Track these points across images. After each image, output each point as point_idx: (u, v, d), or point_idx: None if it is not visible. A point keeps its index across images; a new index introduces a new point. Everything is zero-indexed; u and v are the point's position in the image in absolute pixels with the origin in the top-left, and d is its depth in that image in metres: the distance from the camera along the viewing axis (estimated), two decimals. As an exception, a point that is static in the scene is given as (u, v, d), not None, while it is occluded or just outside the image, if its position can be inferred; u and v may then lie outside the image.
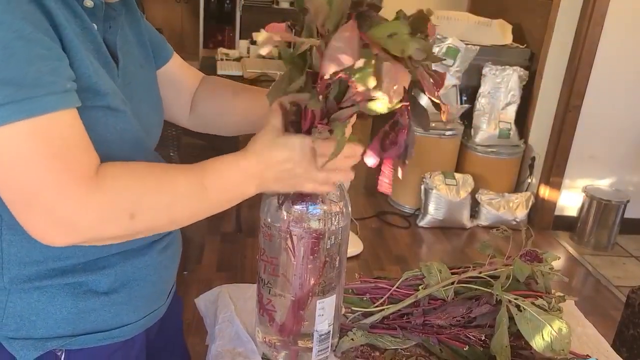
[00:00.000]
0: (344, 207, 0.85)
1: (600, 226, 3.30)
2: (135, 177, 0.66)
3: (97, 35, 0.72)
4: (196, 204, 0.70)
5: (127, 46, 0.82)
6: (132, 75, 0.81)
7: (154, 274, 0.85)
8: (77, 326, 0.77)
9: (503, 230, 1.10)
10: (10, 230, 0.72)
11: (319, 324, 0.88)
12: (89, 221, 0.62)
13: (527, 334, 0.90)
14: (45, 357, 0.76)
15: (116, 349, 0.81)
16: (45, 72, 0.60)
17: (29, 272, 0.74)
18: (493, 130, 3.43)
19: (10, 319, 0.75)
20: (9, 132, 0.58)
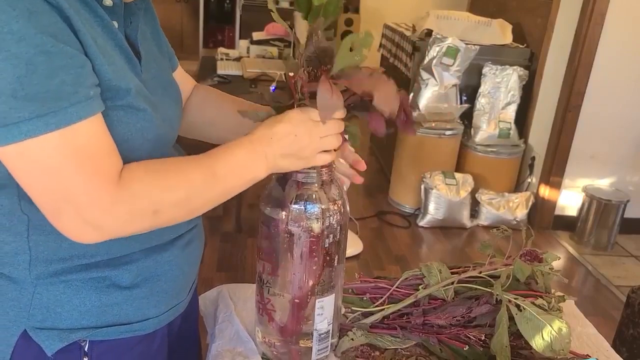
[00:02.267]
0: (342, 205, 0.85)
1: (600, 226, 3.30)
2: (156, 177, 0.70)
3: (117, 32, 0.74)
4: (211, 192, 0.74)
5: (147, 42, 0.85)
6: (154, 70, 0.84)
7: (175, 270, 0.87)
8: (100, 318, 0.80)
9: (503, 230, 1.09)
10: (36, 230, 0.75)
11: (318, 324, 0.88)
12: (117, 221, 0.67)
13: (527, 334, 0.90)
14: (70, 347, 0.78)
15: (138, 341, 0.84)
16: (68, 82, 0.62)
17: (55, 268, 0.77)
18: (493, 130, 3.43)
19: (36, 310, 0.77)
20: (37, 144, 0.62)
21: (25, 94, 0.60)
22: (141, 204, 0.68)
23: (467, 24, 3.59)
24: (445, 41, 3.27)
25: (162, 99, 0.83)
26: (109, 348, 0.81)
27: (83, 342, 0.80)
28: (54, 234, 0.72)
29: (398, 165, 3.56)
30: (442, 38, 3.29)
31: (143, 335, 0.84)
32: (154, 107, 0.78)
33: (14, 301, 0.77)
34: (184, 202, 0.72)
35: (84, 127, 0.64)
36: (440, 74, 3.33)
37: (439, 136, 3.37)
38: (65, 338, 0.78)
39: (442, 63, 3.31)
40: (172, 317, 0.90)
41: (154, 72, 0.83)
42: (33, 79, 0.60)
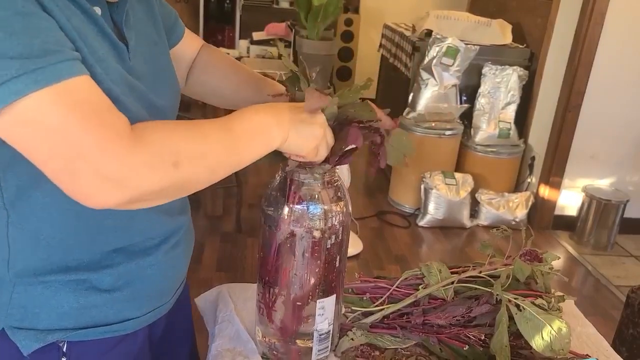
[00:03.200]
0: (344, 206, 0.85)
1: (600, 226, 3.30)
2: (169, 128, 0.66)
3: (99, 19, 0.71)
4: (231, 151, 0.70)
5: (139, 24, 0.81)
6: (145, 55, 0.80)
7: (159, 274, 0.85)
8: (78, 320, 0.78)
9: (503, 230, 1.09)
10: (15, 227, 0.73)
11: (319, 324, 0.88)
12: (137, 173, 0.62)
13: (527, 334, 0.90)
14: (47, 348, 0.77)
15: (118, 342, 0.82)
16: (50, 42, 0.59)
17: (34, 267, 0.75)
18: (493, 130, 3.43)
19: (14, 309, 0.76)
20: (32, 104, 0.58)
21: (9, 54, 0.56)
22: (159, 152, 0.63)
23: (467, 24, 3.59)
24: (445, 41, 3.27)
25: (152, 85, 0.80)
26: (88, 348, 0.80)
27: (61, 342, 0.78)
28: (33, 232, 0.72)
29: (398, 165, 3.56)
30: (442, 38, 3.29)
31: (123, 336, 0.83)
32: (138, 95, 0.75)
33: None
34: (202, 156, 0.67)
35: (79, 83, 0.60)
36: (440, 74, 3.33)
37: (439, 136, 3.37)
38: (42, 339, 0.76)
39: (442, 63, 3.31)
40: (155, 318, 0.88)
41: (145, 58, 0.80)
42: (13, 39, 0.57)
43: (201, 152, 0.67)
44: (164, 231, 0.85)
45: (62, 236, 0.75)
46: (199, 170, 0.67)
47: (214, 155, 0.69)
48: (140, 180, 0.62)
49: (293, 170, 0.82)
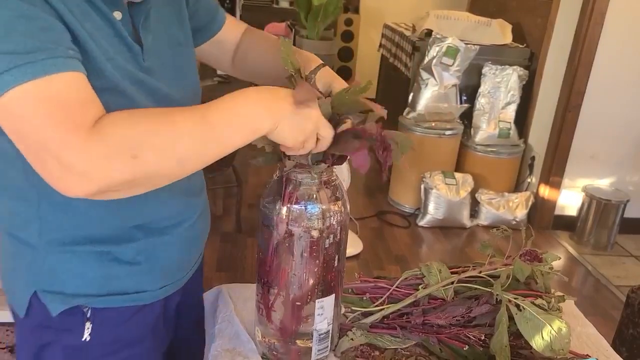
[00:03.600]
0: (342, 206, 0.85)
1: (600, 226, 3.30)
2: (133, 120, 0.68)
3: (116, 23, 0.77)
4: (203, 142, 0.70)
5: (162, 26, 0.87)
6: (164, 53, 0.86)
7: (175, 251, 0.92)
8: (101, 288, 0.85)
9: (503, 230, 1.09)
10: (46, 201, 0.80)
11: (318, 324, 0.88)
12: (96, 166, 0.64)
13: (527, 334, 0.90)
14: (72, 311, 0.85)
15: (136, 311, 0.89)
16: (46, 41, 0.65)
17: (63, 237, 0.82)
18: (493, 130, 3.43)
19: (45, 275, 0.84)
20: (16, 95, 0.63)
21: (5, 49, 0.62)
22: (117, 144, 0.65)
23: (467, 24, 3.59)
24: (445, 41, 3.27)
25: (170, 82, 0.85)
26: (109, 315, 0.87)
27: (85, 308, 0.85)
28: (62, 205, 0.79)
29: (398, 165, 3.56)
30: (442, 38, 3.29)
31: (141, 306, 0.89)
32: (151, 91, 0.80)
33: (28, 264, 0.84)
34: (168, 147, 0.67)
35: (60, 79, 0.64)
36: (440, 74, 3.33)
37: (439, 136, 3.37)
38: (68, 302, 0.84)
39: (442, 63, 3.31)
40: (170, 292, 0.94)
41: (163, 56, 0.85)
42: (11, 36, 0.63)
43: (167, 141, 0.67)
44: (181, 211, 0.91)
45: (86, 211, 0.81)
46: (163, 162, 0.68)
47: (182, 145, 0.68)
48: (100, 173, 0.65)
49: (290, 170, 0.82)
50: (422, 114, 3.38)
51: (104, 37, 0.74)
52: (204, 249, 1.06)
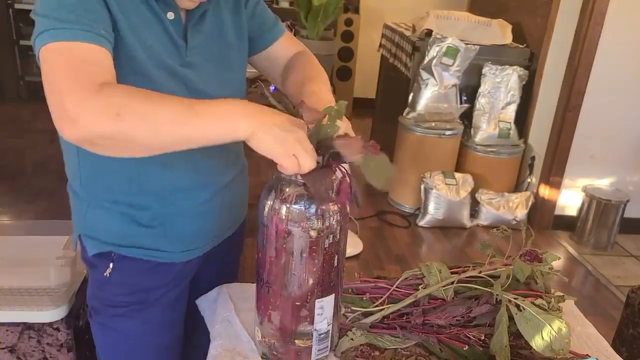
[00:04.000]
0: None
1: (600, 226, 3.30)
2: (131, 91, 0.78)
3: (165, 21, 0.92)
4: (181, 122, 0.77)
5: (216, 29, 1.01)
6: (211, 53, 0.99)
7: (191, 222, 1.05)
8: (124, 241, 1.02)
9: (503, 230, 1.09)
10: (82, 159, 0.99)
11: (318, 324, 0.88)
12: (86, 115, 0.75)
13: (527, 334, 0.90)
14: (103, 254, 1.03)
15: (154, 266, 1.04)
16: (85, 19, 0.81)
17: (96, 192, 1.01)
18: (493, 130, 3.43)
19: (87, 221, 1.03)
20: (50, 48, 0.79)
21: (52, 15, 0.80)
22: (109, 103, 0.75)
23: (467, 24, 3.58)
24: (445, 41, 3.27)
25: (208, 79, 0.98)
26: (130, 263, 1.03)
27: (113, 253, 1.02)
28: (93, 164, 0.98)
29: (398, 165, 3.56)
30: (442, 38, 3.29)
31: (159, 263, 1.04)
32: (184, 83, 0.94)
33: (76, 211, 1.06)
34: (150, 115, 0.76)
35: (85, 46, 0.80)
36: (440, 74, 3.33)
37: (439, 136, 3.37)
38: (99, 247, 1.02)
39: (442, 63, 3.31)
40: (191, 257, 1.08)
41: (208, 58, 0.98)
42: (60, 9, 0.80)
43: (147, 112, 0.76)
44: (194, 188, 1.02)
45: (112, 174, 0.98)
46: (141, 127, 0.76)
47: (160, 119, 0.76)
48: (87, 121, 0.75)
49: None
50: (422, 114, 3.37)
51: (149, 31, 0.90)
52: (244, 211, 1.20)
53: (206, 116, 0.77)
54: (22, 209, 3.11)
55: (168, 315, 1.11)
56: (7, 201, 3.20)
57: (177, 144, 0.79)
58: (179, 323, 1.16)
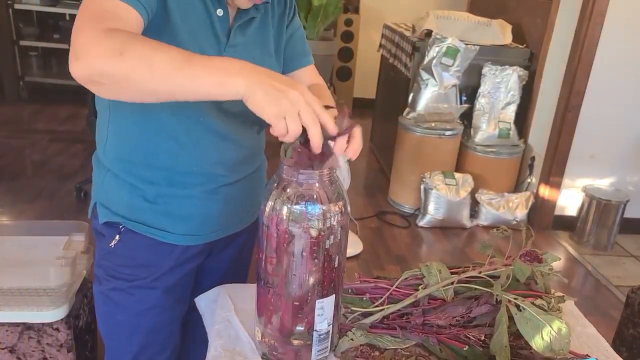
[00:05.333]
0: (343, 206, 0.85)
1: (600, 226, 3.30)
2: (135, 35, 0.81)
3: (213, 15, 0.99)
4: (178, 68, 0.78)
5: (259, 35, 1.08)
6: (246, 55, 0.95)
7: (192, 206, 1.08)
8: (131, 214, 1.07)
9: (503, 230, 1.09)
10: (112, 124, 1.05)
11: (318, 324, 0.88)
12: (88, 50, 0.78)
13: (527, 334, 0.90)
14: (112, 224, 1.09)
15: (157, 244, 1.08)
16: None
17: (115, 160, 1.07)
18: (493, 130, 3.43)
19: (103, 189, 1.10)
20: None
21: None
22: (114, 42, 0.78)
23: (467, 24, 3.59)
24: (445, 41, 3.27)
25: None
26: (135, 237, 1.08)
27: (121, 226, 1.08)
28: (119, 131, 1.05)
29: (398, 165, 3.56)
30: (441, 38, 3.29)
31: (160, 242, 1.08)
32: None
33: (97, 177, 1.11)
34: (150, 59, 0.77)
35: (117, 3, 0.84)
36: (440, 74, 3.33)
37: (438, 136, 3.37)
38: (108, 216, 1.08)
39: (442, 63, 3.31)
40: (190, 243, 1.11)
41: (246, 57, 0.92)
42: None
43: (148, 55, 0.78)
44: (203, 173, 1.06)
45: (132, 145, 1.04)
46: (138, 69, 0.78)
47: (158, 63, 0.78)
48: (90, 57, 0.78)
49: (287, 169, 0.82)
50: (422, 114, 3.37)
51: (196, 19, 0.97)
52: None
53: (203, 68, 0.78)
54: (22, 209, 3.11)
55: (166, 299, 1.13)
56: (7, 201, 3.20)
57: (172, 93, 0.80)
58: (177, 310, 1.18)
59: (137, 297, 1.11)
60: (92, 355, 1.69)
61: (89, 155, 1.21)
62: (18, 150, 3.94)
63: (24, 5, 4.80)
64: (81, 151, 3.93)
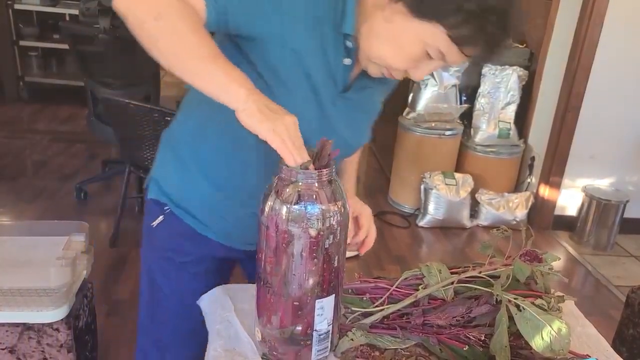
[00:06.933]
0: (342, 206, 0.85)
1: (600, 226, 3.30)
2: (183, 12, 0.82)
3: (340, 64, 0.95)
4: (198, 57, 0.82)
5: (367, 99, 1.06)
6: (349, 110, 1.02)
7: (238, 220, 1.10)
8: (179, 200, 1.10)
9: (503, 230, 1.09)
10: (197, 103, 1.05)
11: (318, 324, 0.88)
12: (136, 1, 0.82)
13: (527, 334, 0.90)
14: (157, 202, 1.12)
15: (194, 233, 1.11)
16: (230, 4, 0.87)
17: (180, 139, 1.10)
18: (493, 130, 3.43)
19: (161, 165, 1.14)
20: None
21: None
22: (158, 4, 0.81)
23: (467, 24, 3.58)
24: (445, 41, 3.27)
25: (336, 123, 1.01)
26: (175, 222, 1.10)
27: (166, 207, 1.11)
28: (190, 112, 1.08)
29: (398, 166, 3.56)
30: (441, 38, 3.29)
31: (198, 233, 1.11)
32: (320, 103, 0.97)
33: (161, 154, 1.15)
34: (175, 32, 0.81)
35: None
36: (439, 74, 3.33)
37: (438, 136, 3.37)
38: (157, 194, 1.12)
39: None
40: (220, 253, 1.15)
41: (347, 110, 1.01)
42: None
43: (180, 32, 0.81)
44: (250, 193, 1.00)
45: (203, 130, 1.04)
46: (165, 37, 0.81)
47: (185, 44, 0.81)
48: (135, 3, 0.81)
49: (287, 170, 0.82)
50: (422, 114, 3.38)
51: (320, 59, 0.93)
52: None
53: (220, 69, 0.82)
54: (22, 209, 3.11)
55: (196, 286, 1.14)
56: (7, 201, 3.20)
57: (184, 73, 0.83)
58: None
59: (169, 278, 1.15)
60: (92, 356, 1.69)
61: (89, 155, 1.22)
62: (18, 150, 3.94)
63: (24, 5, 4.80)
64: (81, 151, 3.93)
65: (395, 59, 0.91)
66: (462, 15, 0.83)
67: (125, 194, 2.81)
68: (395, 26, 0.88)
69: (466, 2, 0.82)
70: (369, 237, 1.22)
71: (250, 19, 0.89)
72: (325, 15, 0.91)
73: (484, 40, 0.86)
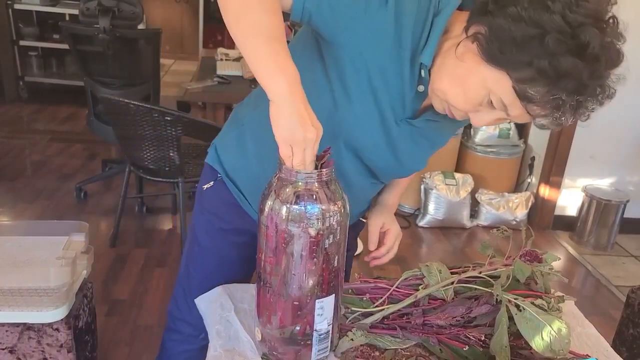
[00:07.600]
0: (342, 206, 0.85)
1: (600, 226, 3.30)
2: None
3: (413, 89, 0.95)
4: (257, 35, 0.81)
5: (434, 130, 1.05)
6: (413, 136, 1.02)
7: None
8: (231, 171, 1.16)
9: (503, 230, 1.09)
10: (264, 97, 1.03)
11: (318, 324, 0.88)
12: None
13: (527, 334, 0.90)
14: (213, 169, 1.18)
15: (238, 206, 1.16)
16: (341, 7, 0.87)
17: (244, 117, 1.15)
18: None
19: (225, 137, 1.19)
20: None
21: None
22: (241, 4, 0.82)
23: (467, 24, 3.58)
24: (445, 41, 3.27)
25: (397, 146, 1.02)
26: (223, 191, 1.16)
27: (219, 175, 1.17)
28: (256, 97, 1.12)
29: (398, 165, 3.56)
30: (441, 38, 3.29)
31: (241, 207, 1.16)
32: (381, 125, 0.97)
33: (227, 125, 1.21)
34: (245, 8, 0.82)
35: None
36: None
37: (438, 136, 3.37)
38: (214, 160, 1.18)
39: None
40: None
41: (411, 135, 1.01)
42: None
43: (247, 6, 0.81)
44: None
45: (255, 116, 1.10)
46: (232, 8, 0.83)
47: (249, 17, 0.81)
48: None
49: (286, 170, 0.82)
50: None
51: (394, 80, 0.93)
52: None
53: (273, 54, 0.80)
54: (22, 209, 3.11)
55: (230, 252, 1.20)
56: (7, 201, 3.20)
57: (240, 42, 0.83)
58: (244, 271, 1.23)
59: (210, 235, 1.20)
60: (92, 356, 1.69)
61: (89, 155, 1.21)
62: (18, 150, 3.94)
63: (24, 5, 4.80)
64: (81, 151, 3.93)
65: (457, 98, 0.89)
66: (532, 72, 0.79)
67: (125, 194, 2.81)
68: (465, 65, 0.86)
69: (537, 59, 0.78)
70: (387, 255, 1.30)
71: (334, 23, 0.88)
72: (408, 41, 0.90)
73: (551, 105, 0.82)
